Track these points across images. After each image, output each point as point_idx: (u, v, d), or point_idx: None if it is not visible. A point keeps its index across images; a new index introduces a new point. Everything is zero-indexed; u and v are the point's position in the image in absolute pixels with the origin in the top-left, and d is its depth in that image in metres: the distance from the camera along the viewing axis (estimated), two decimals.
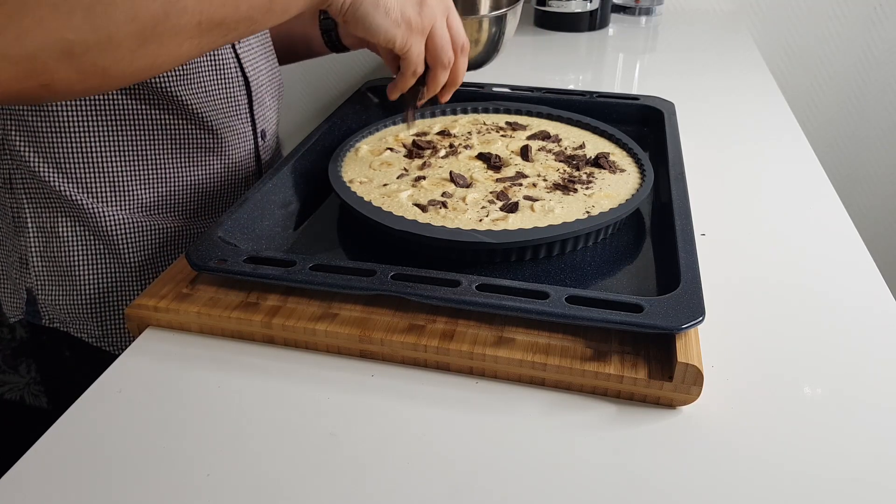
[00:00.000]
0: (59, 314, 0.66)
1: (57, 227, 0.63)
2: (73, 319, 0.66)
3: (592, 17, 1.21)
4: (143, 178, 0.63)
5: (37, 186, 0.61)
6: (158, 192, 0.64)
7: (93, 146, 0.60)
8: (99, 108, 0.59)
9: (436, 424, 0.40)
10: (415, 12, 0.53)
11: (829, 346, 0.47)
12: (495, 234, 0.50)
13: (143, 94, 0.60)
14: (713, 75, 1.01)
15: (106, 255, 0.64)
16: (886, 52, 1.33)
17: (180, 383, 0.43)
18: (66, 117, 0.58)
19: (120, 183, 0.62)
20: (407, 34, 0.53)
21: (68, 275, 0.64)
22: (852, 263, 0.56)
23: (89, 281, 0.64)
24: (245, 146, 0.69)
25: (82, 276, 0.64)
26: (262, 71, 0.71)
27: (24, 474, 0.37)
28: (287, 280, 0.46)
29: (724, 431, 0.40)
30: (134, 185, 0.62)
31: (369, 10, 0.51)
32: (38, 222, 0.63)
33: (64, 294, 0.65)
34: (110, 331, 0.66)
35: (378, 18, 0.51)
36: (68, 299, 0.65)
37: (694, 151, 0.71)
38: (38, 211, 0.63)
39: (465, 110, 0.73)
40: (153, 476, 0.37)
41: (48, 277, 0.65)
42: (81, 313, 0.65)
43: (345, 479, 0.37)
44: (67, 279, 0.64)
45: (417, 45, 0.55)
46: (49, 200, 0.62)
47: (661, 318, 0.41)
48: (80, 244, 0.63)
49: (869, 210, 1.48)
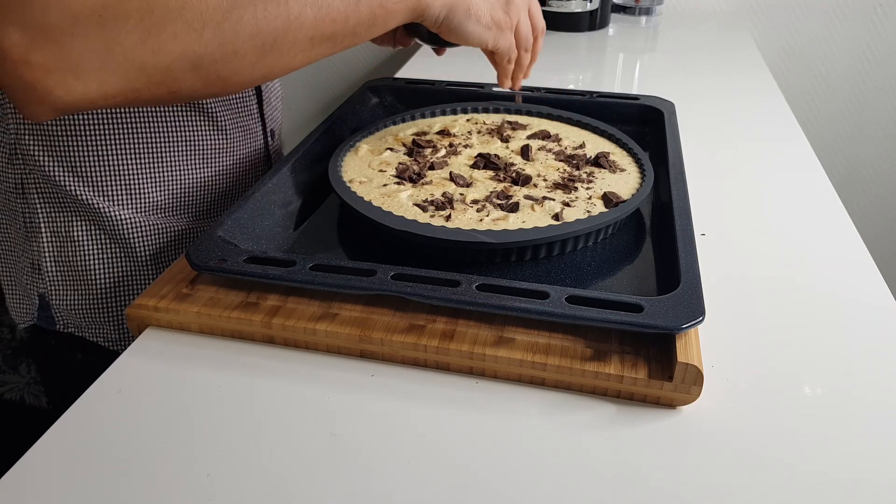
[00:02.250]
0: (74, 319, 0.66)
1: (71, 230, 0.63)
2: (88, 324, 0.66)
3: (592, 17, 1.21)
4: (156, 178, 0.63)
5: (51, 190, 0.61)
6: (171, 192, 0.64)
7: (107, 148, 0.60)
8: (113, 110, 0.59)
9: (436, 424, 0.41)
10: (503, 13, 0.58)
11: (830, 345, 0.47)
12: (495, 234, 0.50)
13: None
14: (713, 75, 1.01)
15: (121, 256, 0.64)
16: (886, 52, 1.33)
17: (180, 383, 0.43)
18: (80, 120, 0.58)
19: (134, 184, 0.62)
20: (497, 35, 0.58)
21: (83, 278, 0.64)
22: (852, 263, 0.56)
23: (105, 283, 0.64)
24: (255, 145, 0.70)
25: (98, 278, 0.64)
26: None
27: (24, 474, 0.37)
28: (287, 280, 0.46)
29: (724, 431, 0.40)
30: (147, 186, 0.63)
31: (462, 19, 0.55)
32: (51, 227, 0.63)
33: (79, 298, 0.65)
34: (126, 334, 0.66)
35: (470, 26, 0.56)
36: (84, 303, 0.65)
37: (694, 151, 0.71)
38: (53, 215, 0.63)
39: (465, 110, 0.73)
40: (153, 476, 0.37)
41: (62, 282, 0.65)
42: (97, 317, 0.65)
43: (345, 478, 0.37)
44: (82, 283, 0.64)
45: (506, 41, 0.60)
46: (63, 204, 0.62)
47: (661, 318, 0.41)
48: (95, 247, 0.63)
49: (869, 209, 1.48)
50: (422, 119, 0.71)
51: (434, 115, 0.72)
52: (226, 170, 0.67)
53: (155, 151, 0.62)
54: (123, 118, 0.60)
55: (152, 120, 0.61)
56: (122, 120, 0.60)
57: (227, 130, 0.66)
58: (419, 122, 0.71)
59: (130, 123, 0.60)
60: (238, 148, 0.68)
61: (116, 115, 0.59)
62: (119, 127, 0.60)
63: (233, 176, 0.68)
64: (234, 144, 0.67)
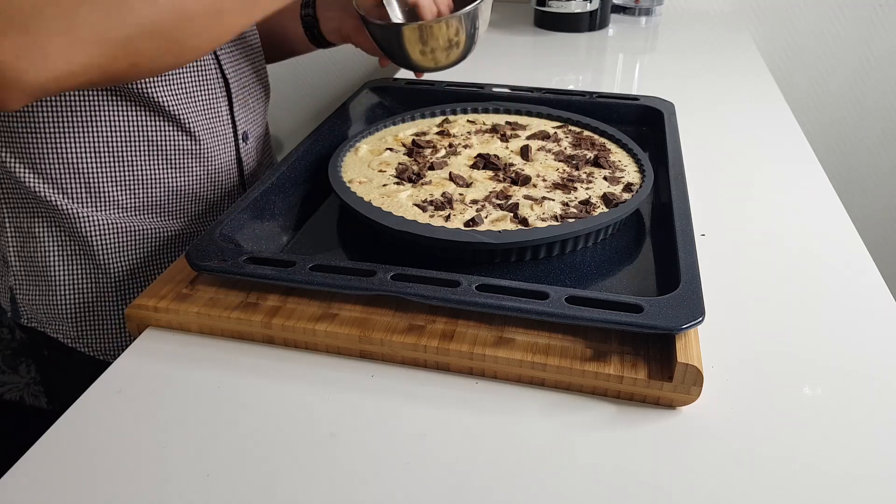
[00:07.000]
0: (37, 314, 0.66)
1: (33, 227, 0.63)
2: (49, 320, 0.66)
3: (592, 18, 1.21)
4: (118, 178, 0.62)
5: (13, 187, 0.61)
6: (134, 193, 0.64)
7: (68, 147, 0.60)
8: (74, 108, 0.59)
9: (436, 424, 0.41)
10: None
11: (829, 346, 0.47)
12: (495, 234, 0.50)
13: (119, 94, 0.60)
14: (713, 75, 1.01)
15: (81, 255, 0.64)
16: (886, 52, 1.33)
17: (180, 383, 0.43)
18: (41, 118, 0.58)
19: (95, 184, 0.62)
20: None
21: (45, 276, 0.64)
22: (852, 262, 0.56)
23: (66, 282, 0.64)
24: (225, 149, 0.69)
25: (58, 277, 0.64)
26: (245, 73, 0.71)
27: (24, 474, 0.37)
28: (287, 280, 0.46)
29: (723, 431, 0.40)
30: (110, 186, 0.62)
31: None
32: (14, 223, 0.63)
33: (41, 294, 0.65)
34: (86, 332, 0.66)
35: None
36: (45, 300, 0.65)
37: (694, 151, 0.71)
38: (15, 212, 0.63)
39: (465, 110, 0.73)
40: (153, 476, 0.37)
41: (26, 278, 0.65)
42: (58, 314, 0.66)
43: (345, 478, 0.37)
44: (44, 280, 0.64)
45: None
46: (25, 201, 0.62)
47: (660, 318, 0.41)
48: (56, 245, 0.63)
49: (869, 209, 1.48)
50: (422, 119, 0.71)
51: (434, 116, 0.72)
52: (191, 171, 0.67)
53: (116, 150, 0.61)
54: (85, 115, 0.59)
55: (114, 118, 0.60)
56: (84, 117, 0.59)
57: (192, 132, 0.65)
58: (419, 123, 0.71)
59: (92, 122, 0.60)
60: (205, 150, 0.67)
61: (78, 113, 0.59)
62: (80, 124, 0.59)
63: (199, 178, 0.67)
64: (201, 146, 0.66)
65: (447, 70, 0.70)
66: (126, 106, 0.60)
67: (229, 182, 0.71)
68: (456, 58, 0.68)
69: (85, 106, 0.59)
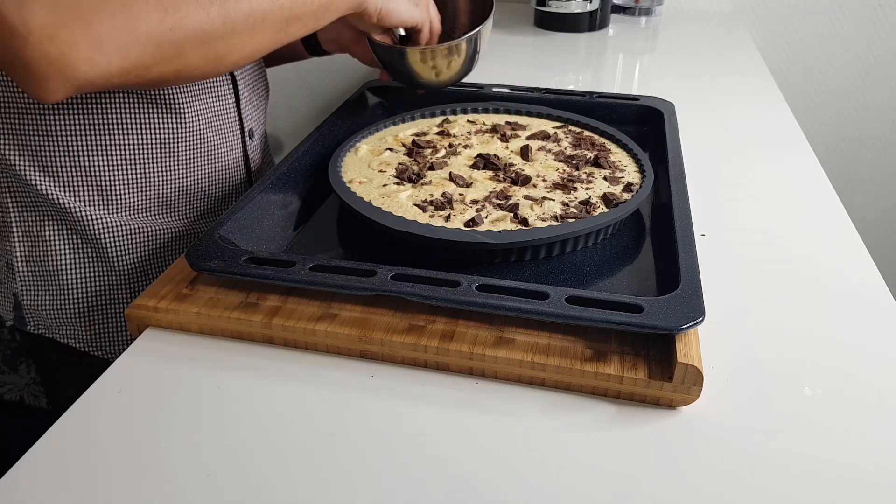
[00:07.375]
0: (45, 320, 0.66)
1: (43, 231, 0.63)
2: (59, 325, 0.66)
3: (592, 18, 1.21)
4: (129, 179, 0.62)
5: (22, 190, 0.61)
6: (145, 193, 0.64)
7: (79, 148, 0.60)
8: (85, 109, 0.59)
9: (436, 424, 0.40)
10: None
11: (830, 347, 0.47)
12: (495, 234, 0.50)
13: (129, 93, 0.60)
14: (713, 75, 1.01)
15: (94, 258, 0.64)
16: (886, 52, 1.33)
17: (180, 383, 0.43)
18: (52, 119, 0.58)
19: (106, 184, 0.62)
20: (424, 11, 0.68)
21: (55, 280, 0.64)
22: (852, 263, 0.56)
23: (77, 285, 0.64)
24: (233, 146, 0.69)
25: (70, 280, 0.64)
26: (249, 70, 0.71)
27: (24, 474, 0.37)
28: (287, 280, 0.46)
29: (723, 431, 0.40)
30: (121, 187, 0.62)
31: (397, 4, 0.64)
32: (23, 227, 0.63)
33: (50, 299, 0.65)
34: (99, 335, 0.66)
35: (403, 6, 0.65)
36: (55, 304, 0.65)
37: (694, 151, 0.71)
38: (24, 215, 0.62)
39: (465, 110, 0.73)
40: (153, 476, 0.37)
41: (34, 283, 0.65)
42: (69, 318, 0.65)
43: (344, 479, 0.37)
44: (54, 284, 0.64)
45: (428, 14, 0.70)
46: (35, 204, 0.62)
47: (660, 318, 0.41)
48: (67, 248, 0.63)
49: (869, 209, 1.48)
50: (422, 119, 0.71)
51: (434, 116, 0.72)
52: (201, 170, 0.67)
53: (127, 151, 0.61)
54: (96, 116, 0.59)
55: (124, 118, 0.60)
56: (95, 118, 0.59)
57: (201, 129, 0.65)
58: (419, 123, 0.71)
59: (103, 122, 0.60)
60: (214, 148, 0.67)
61: (89, 114, 0.59)
62: (91, 125, 0.59)
63: (209, 176, 0.68)
64: (210, 144, 0.66)
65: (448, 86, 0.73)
66: (136, 104, 0.60)
67: (237, 179, 0.71)
68: (458, 76, 0.71)
69: (95, 106, 0.59)
